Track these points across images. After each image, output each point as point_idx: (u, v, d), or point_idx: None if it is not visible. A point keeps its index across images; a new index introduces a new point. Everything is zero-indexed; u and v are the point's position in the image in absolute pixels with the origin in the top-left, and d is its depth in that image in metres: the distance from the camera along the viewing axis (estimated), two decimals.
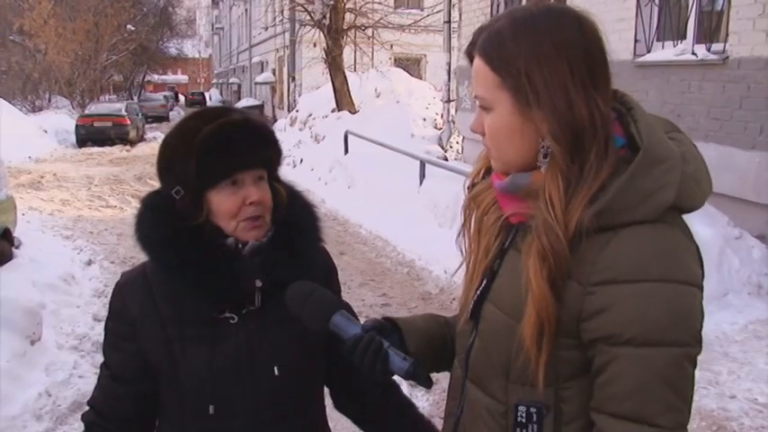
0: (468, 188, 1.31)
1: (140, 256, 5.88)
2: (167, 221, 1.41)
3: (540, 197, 1.08)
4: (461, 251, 1.30)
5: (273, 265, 1.42)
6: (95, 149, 21.06)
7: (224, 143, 1.36)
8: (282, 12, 22.35)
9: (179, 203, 1.39)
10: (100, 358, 5.40)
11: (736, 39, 6.47)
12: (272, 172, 1.47)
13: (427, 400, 4.13)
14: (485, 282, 1.21)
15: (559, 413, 1.11)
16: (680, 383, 1.02)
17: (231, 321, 1.42)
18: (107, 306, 5.61)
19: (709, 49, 6.68)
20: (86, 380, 4.59)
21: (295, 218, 1.49)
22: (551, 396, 1.11)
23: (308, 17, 17.33)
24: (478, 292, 1.22)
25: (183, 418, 1.45)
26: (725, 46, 6.56)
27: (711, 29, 6.91)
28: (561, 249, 1.04)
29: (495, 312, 1.17)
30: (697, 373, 1.06)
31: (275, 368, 1.43)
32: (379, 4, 17.94)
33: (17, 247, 7.19)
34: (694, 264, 1.06)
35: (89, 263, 7.52)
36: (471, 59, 1.16)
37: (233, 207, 1.38)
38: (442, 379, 1.38)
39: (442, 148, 14.97)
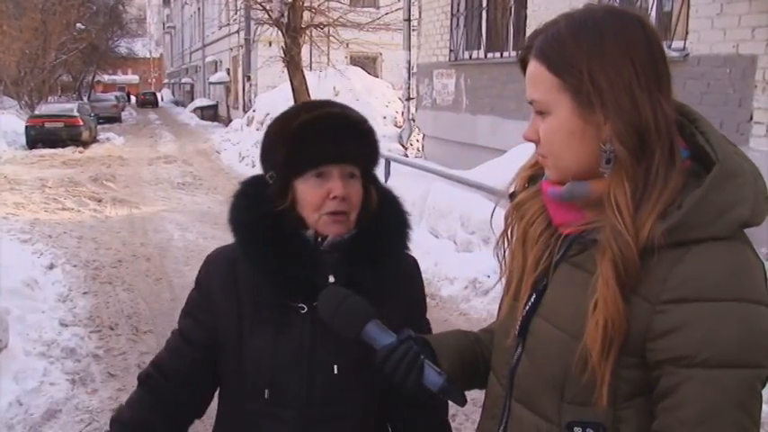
0: (510, 196, 1.26)
1: (103, 260, 5.83)
2: (256, 205, 1.44)
3: (607, 204, 1.04)
4: (500, 262, 1.26)
5: (350, 263, 1.41)
6: (47, 151, 20.48)
7: (313, 134, 1.38)
8: (237, 11, 22.09)
9: (270, 189, 1.43)
10: (70, 365, 5.22)
11: (695, 37, 6.63)
12: (368, 171, 1.47)
13: None
14: (533, 296, 1.16)
15: None
16: (752, 406, 0.98)
17: (301, 311, 1.42)
18: (72, 311, 5.57)
19: (669, 47, 6.84)
20: (58, 387, 4.49)
21: (384, 222, 1.47)
22: (609, 416, 1.06)
23: (266, 15, 17.16)
24: (527, 307, 1.17)
25: (241, 395, 1.46)
26: (685, 43, 6.73)
27: (672, 27, 7.07)
28: (632, 257, 1.01)
29: (546, 328, 1.12)
30: None
31: (335, 366, 1.42)
32: (337, 2, 17.88)
33: None
34: (764, 283, 1.03)
35: (51, 267, 7.32)
36: (524, 65, 1.13)
37: (316, 199, 1.39)
38: None
39: (403, 146, 15.02)
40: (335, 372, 1.42)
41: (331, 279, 1.40)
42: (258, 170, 1.53)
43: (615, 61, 1.04)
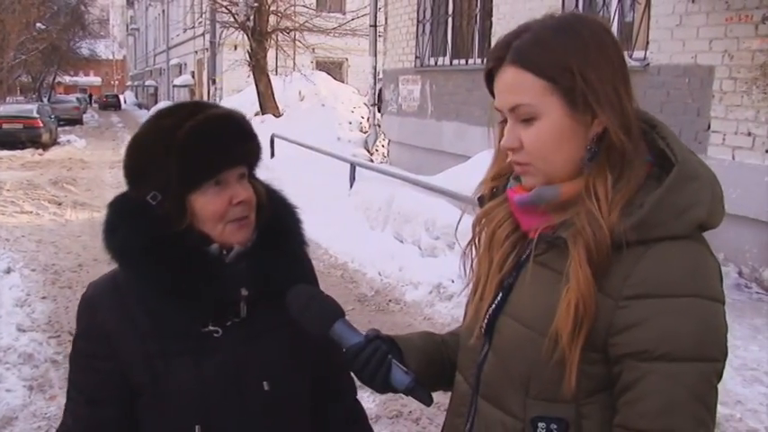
0: (479, 200, 1.28)
1: (62, 264, 5.67)
2: (143, 229, 1.29)
3: (585, 195, 1.08)
4: (465, 269, 1.28)
5: (261, 272, 1.33)
6: (5, 153, 19.99)
7: (207, 140, 1.26)
8: (202, 14, 21.95)
9: (158, 209, 1.28)
10: (27, 370, 5.07)
11: (656, 47, 6.78)
12: (251, 169, 1.38)
13: (374, 401, 4.14)
14: (500, 296, 1.19)
15: (580, 430, 1.09)
16: (709, 398, 1.02)
17: (215, 335, 1.32)
18: (30, 316, 5.32)
19: (631, 56, 6.97)
20: (14, 393, 4.38)
21: (279, 219, 1.40)
22: (572, 412, 1.08)
23: (232, 19, 17.08)
24: (493, 306, 1.19)
25: None
26: (645, 53, 6.87)
27: (633, 37, 7.21)
28: (603, 240, 1.04)
29: (512, 325, 1.14)
30: None
31: (264, 383, 1.35)
32: (304, 6, 17.89)
33: None
34: (718, 281, 1.07)
35: (8, 271, 7.16)
36: (491, 75, 1.15)
37: (220, 208, 1.28)
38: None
39: (368, 151, 15.06)
40: (266, 388, 1.35)
41: (244, 292, 1.32)
42: None
43: (598, 60, 1.08)
